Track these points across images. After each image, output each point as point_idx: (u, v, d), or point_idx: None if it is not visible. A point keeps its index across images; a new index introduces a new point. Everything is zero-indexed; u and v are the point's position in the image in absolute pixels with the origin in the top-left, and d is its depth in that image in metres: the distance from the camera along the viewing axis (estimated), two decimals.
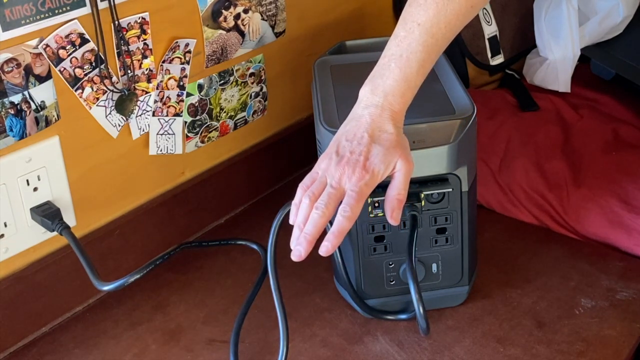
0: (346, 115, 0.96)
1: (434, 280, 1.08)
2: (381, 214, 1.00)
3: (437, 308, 1.09)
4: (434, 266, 1.07)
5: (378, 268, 1.06)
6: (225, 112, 1.30)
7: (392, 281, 1.07)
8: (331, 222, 0.91)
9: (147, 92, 1.16)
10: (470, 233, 1.06)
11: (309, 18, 1.41)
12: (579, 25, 1.56)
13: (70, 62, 1.05)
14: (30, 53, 1.00)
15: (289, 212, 0.97)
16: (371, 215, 1.02)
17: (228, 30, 1.25)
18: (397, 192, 0.90)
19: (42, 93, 1.03)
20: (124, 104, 1.13)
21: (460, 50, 1.56)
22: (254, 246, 1.24)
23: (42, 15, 1.00)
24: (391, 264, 1.06)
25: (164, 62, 1.17)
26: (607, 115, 1.51)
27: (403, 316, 1.07)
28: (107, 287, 1.04)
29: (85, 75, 1.07)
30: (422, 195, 1.00)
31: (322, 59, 1.23)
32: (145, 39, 1.13)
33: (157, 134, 1.20)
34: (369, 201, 1.00)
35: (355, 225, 1.03)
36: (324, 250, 0.88)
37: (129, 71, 1.12)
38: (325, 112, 1.07)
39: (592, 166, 1.33)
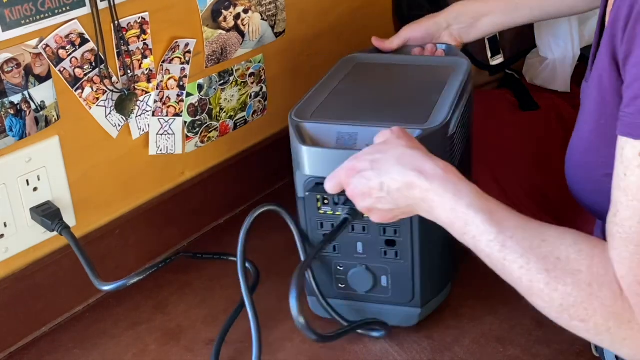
0: (329, 108, 1.00)
1: (383, 294, 1.04)
2: (330, 212, 0.99)
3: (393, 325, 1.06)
4: (384, 279, 1.03)
5: (328, 268, 1.05)
6: (225, 112, 1.30)
7: (341, 284, 1.05)
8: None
9: (147, 92, 1.16)
10: (423, 250, 1.00)
11: (309, 18, 1.41)
12: (579, 25, 1.56)
13: (70, 62, 1.05)
14: (30, 53, 1.00)
15: (258, 215, 1.02)
16: (320, 212, 1.00)
17: (228, 30, 1.25)
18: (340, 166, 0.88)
19: (42, 93, 1.03)
20: (124, 104, 1.13)
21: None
22: (247, 265, 1.17)
23: (42, 15, 1.00)
24: (340, 267, 1.04)
25: (163, 62, 1.17)
26: None
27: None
28: (107, 287, 1.04)
29: (85, 75, 1.07)
30: None
31: (351, 56, 1.23)
32: (145, 39, 1.13)
33: (157, 134, 1.20)
34: (318, 197, 0.99)
35: (306, 219, 1.02)
36: None
37: (129, 71, 1.12)
38: (305, 103, 1.07)
39: None
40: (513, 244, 0.74)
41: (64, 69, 1.04)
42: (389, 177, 0.82)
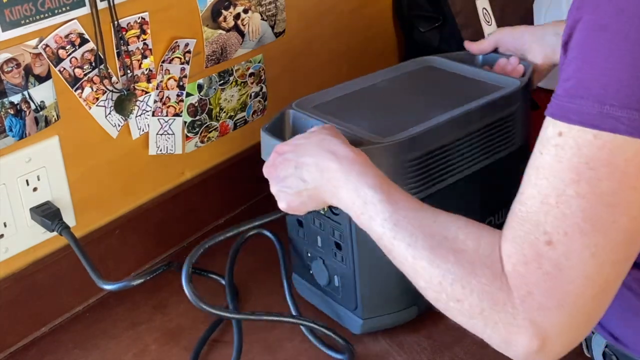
0: (335, 103, 1.01)
1: (336, 293, 1.06)
2: None
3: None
4: (336, 279, 1.04)
5: (300, 251, 1.09)
6: (225, 112, 1.30)
7: (310, 271, 1.08)
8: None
9: (146, 92, 1.16)
10: (363, 262, 1.00)
11: (309, 18, 1.41)
12: None
13: (70, 62, 1.05)
14: (30, 53, 1.00)
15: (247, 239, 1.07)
16: None
17: (228, 30, 1.25)
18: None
19: (42, 93, 1.03)
20: (124, 104, 1.13)
21: (460, 50, 1.56)
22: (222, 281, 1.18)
23: (42, 16, 1.00)
24: (308, 254, 1.08)
25: (163, 62, 1.17)
26: None
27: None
28: (109, 287, 1.04)
29: (85, 75, 1.07)
30: None
31: (421, 59, 1.23)
32: (144, 39, 1.13)
33: (157, 134, 1.20)
34: None
35: None
36: None
37: (129, 71, 1.12)
38: (317, 95, 1.10)
39: None
40: (405, 222, 0.74)
41: (64, 69, 1.04)
42: (305, 157, 0.87)
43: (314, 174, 0.85)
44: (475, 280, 0.68)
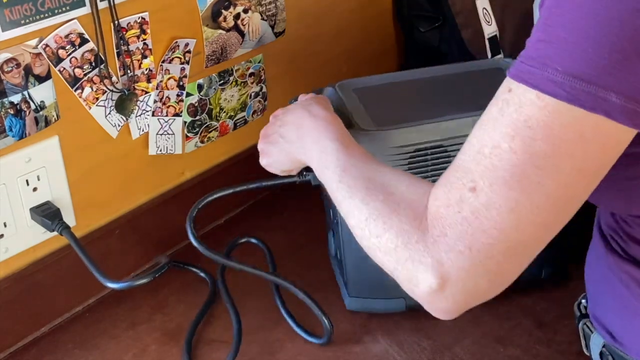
0: (372, 92, 1.08)
1: (339, 265, 1.13)
2: None
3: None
4: (338, 251, 1.11)
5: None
6: (225, 112, 1.30)
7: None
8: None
9: (146, 92, 1.16)
10: (348, 242, 1.02)
11: (309, 18, 1.41)
12: None
13: (70, 62, 1.05)
14: (30, 53, 1.00)
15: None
16: None
17: (228, 30, 1.25)
18: None
19: (42, 93, 1.03)
20: (124, 104, 1.13)
21: (460, 50, 1.56)
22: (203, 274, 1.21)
23: (42, 15, 1.00)
24: (328, 223, 1.15)
25: (163, 62, 1.17)
26: None
27: None
28: (113, 285, 1.04)
29: (85, 75, 1.07)
30: None
31: (495, 59, 1.24)
32: (145, 39, 1.13)
33: (157, 134, 1.20)
34: None
35: None
36: None
37: (129, 71, 1.12)
38: (364, 80, 1.14)
39: None
40: (353, 170, 0.80)
41: (64, 68, 1.04)
42: (288, 116, 0.96)
43: (291, 131, 0.93)
44: (396, 218, 0.70)
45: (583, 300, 0.91)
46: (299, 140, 0.91)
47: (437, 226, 0.67)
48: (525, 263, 0.68)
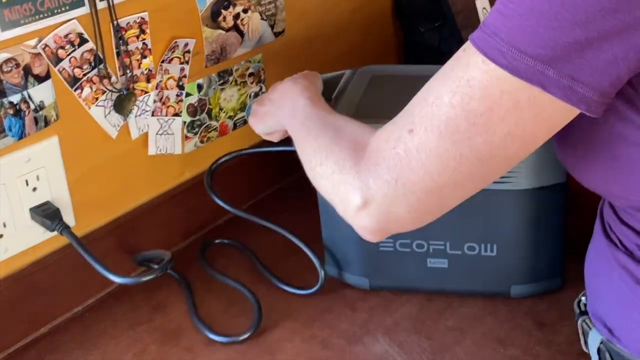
0: (385, 82, 1.14)
1: None
2: None
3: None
4: None
5: None
6: (224, 112, 1.30)
7: None
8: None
9: (146, 92, 1.16)
10: (325, 212, 1.14)
11: (309, 18, 1.41)
12: None
13: (69, 62, 1.05)
14: (29, 53, 1.00)
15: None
16: None
17: (227, 30, 1.25)
18: None
19: (41, 93, 1.03)
20: (123, 104, 1.13)
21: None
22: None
23: (41, 15, 1.00)
24: None
25: (163, 62, 1.17)
26: None
27: None
28: (120, 280, 1.05)
29: (84, 75, 1.07)
30: None
31: None
32: (144, 39, 1.13)
33: (157, 134, 1.20)
34: None
35: None
36: None
37: (128, 71, 1.12)
38: (387, 67, 1.22)
39: None
40: (315, 117, 0.91)
41: (63, 68, 1.04)
42: (280, 84, 1.07)
43: (277, 94, 1.05)
44: (337, 148, 0.80)
45: (583, 298, 0.91)
46: (280, 102, 1.04)
47: (373, 157, 0.74)
48: (445, 207, 0.75)
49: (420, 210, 0.74)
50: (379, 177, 0.73)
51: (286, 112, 1.00)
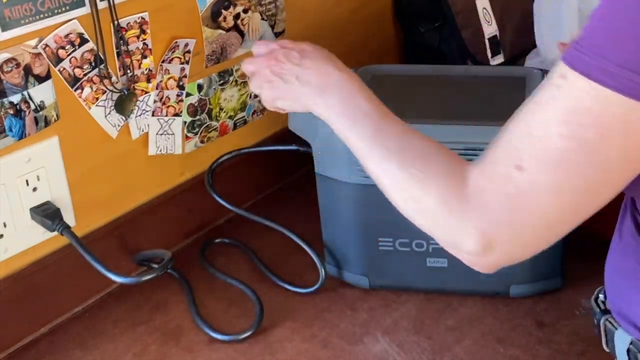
0: (389, 81, 1.11)
1: None
2: None
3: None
4: None
5: None
6: (224, 112, 1.30)
7: None
8: None
9: (146, 92, 1.16)
10: (325, 212, 1.15)
11: (309, 18, 1.41)
12: (579, 24, 1.56)
13: (70, 62, 1.05)
14: (30, 53, 1.00)
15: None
16: None
17: (228, 30, 1.25)
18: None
19: (42, 93, 1.03)
20: (124, 104, 1.13)
21: (460, 50, 1.56)
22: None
23: (42, 15, 1.00)
24: None
25: (163, 62, 1.17)
26: None
27: None
28: (120, 279, 1.04)
29: (85, 75, 1.07)
30: None
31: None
32: (144, 39, 1.13)
33: (157, 134, 1.20)
34: None
35: None
36: None
37: (129, 71, 1.12)
38: (388, 67, 1.22)
39: None
40: (390, 131, 0.82)
41: (64, 68, 1.04)
42: (308, 60, 0.95)
43: (311, 76, 0.92)
44: (434, 184, 0.74)
45: (600, 295, 0.91)
46: (319, 89, 0.91)
47: (479, 198, 0.70)
48: (560, 235, 0.72)
49: (536, 244, 0.73)
50: (495, 220, 0.70)
51: (332, 103, 0.89)
